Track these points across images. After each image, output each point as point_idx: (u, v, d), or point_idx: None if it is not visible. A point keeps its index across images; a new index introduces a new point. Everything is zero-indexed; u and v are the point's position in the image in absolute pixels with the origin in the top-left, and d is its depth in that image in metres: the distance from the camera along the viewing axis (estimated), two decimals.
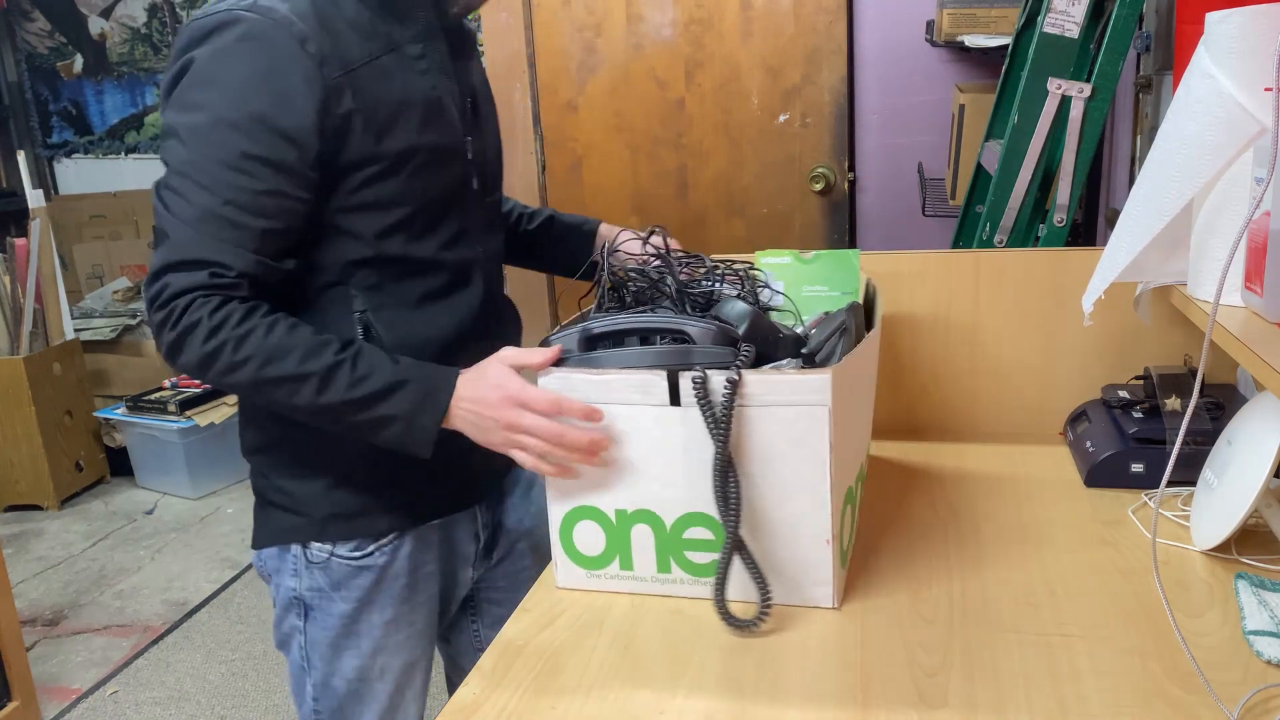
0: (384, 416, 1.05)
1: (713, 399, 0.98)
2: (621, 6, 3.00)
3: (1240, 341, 0.92)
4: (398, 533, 1.21)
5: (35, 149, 5.00)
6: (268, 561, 1.24)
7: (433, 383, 1.06)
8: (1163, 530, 1.17)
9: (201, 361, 1.03)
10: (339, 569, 1.20)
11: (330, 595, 1.21)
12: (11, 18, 4.90)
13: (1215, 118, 0.97)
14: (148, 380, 4.01)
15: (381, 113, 1.09)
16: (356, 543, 1.20)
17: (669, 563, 1.07)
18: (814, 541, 1.02)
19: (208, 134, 1.03)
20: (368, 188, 1.10)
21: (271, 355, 1.03)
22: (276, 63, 1.03)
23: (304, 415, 1.06)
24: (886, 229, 3.01)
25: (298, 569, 1.21)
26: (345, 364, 1.04)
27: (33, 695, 2.35)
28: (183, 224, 1.04)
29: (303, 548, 1.20)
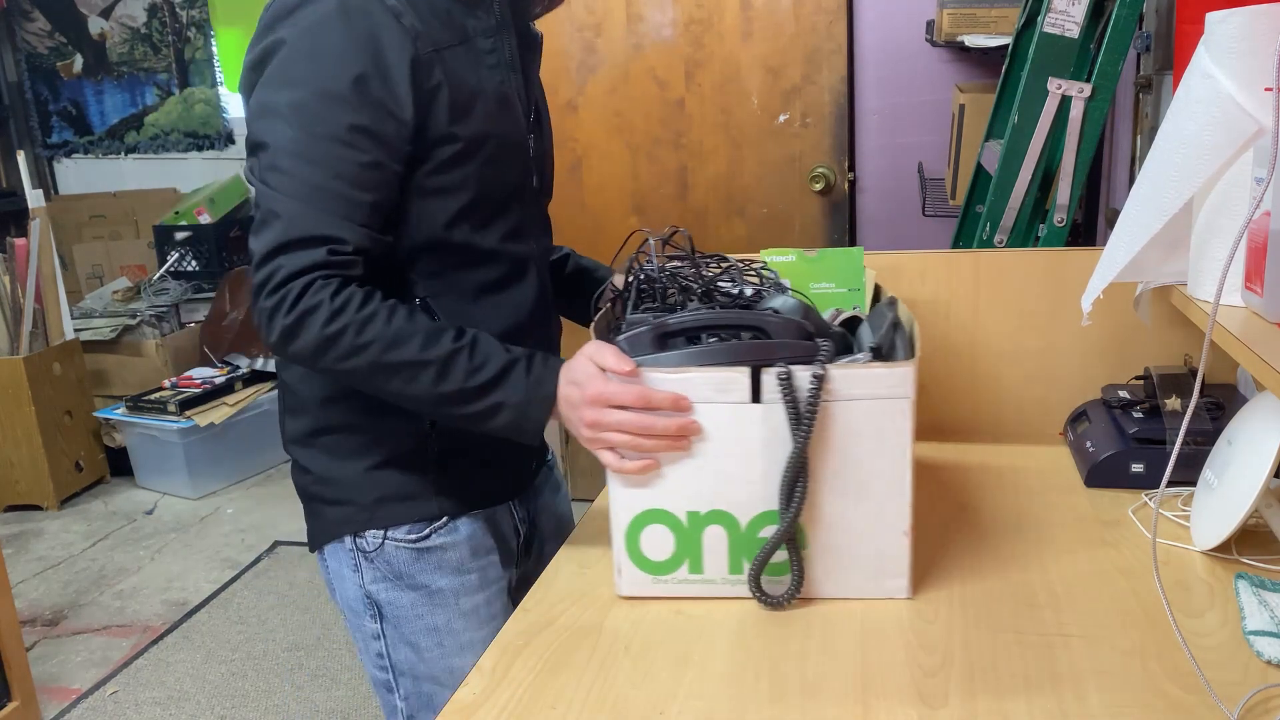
0: (496, 404, 1.05)
1: (797, 394, 0.98)
2: (621, 6, 3.00)
3: (1240, 341, 0.92)
4: (449, 517, 1.19)
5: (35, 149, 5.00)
6: (329, 562, 1.21)
7: (543, 371, 1.06)
8: (1163, 530, 1.17)
9: (320, 345, 1.01)
10: (398, 555, 1.17)
11: (396, 585, 1.18)
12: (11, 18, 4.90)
13: (1214, 118, 0.97)
14: (148, 380, 4.01)
15: (461, 95, 1.08)
16: (411, 526, 1.17)
17: (741, 564, 1.06)
18: (892, 533, 1.03)
19: (313, 108, 1.01)
20: (443, 172, 1.09)
21: (394, 340, 1.01)
22: (374, 32, 1.02)
23: (416, 403, 1.05)
24: (887, 229, 3.01)
25: (358, 563, 1.19)
26: (464, 351, 1.04)
27: (33, 695, 2.35)
28: (294, 201, 1.01)
29: (355, 539, 1.18)
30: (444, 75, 1.06)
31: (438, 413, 1.07)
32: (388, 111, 1.03)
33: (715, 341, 1.07)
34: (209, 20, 4.71)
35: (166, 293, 4.32)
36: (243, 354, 4.07)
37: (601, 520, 1.29)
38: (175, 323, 4.26)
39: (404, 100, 1.03)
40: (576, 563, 1.19)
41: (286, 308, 1.00)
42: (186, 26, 4.73)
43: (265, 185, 1.02)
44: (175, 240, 4.54)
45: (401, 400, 1.05)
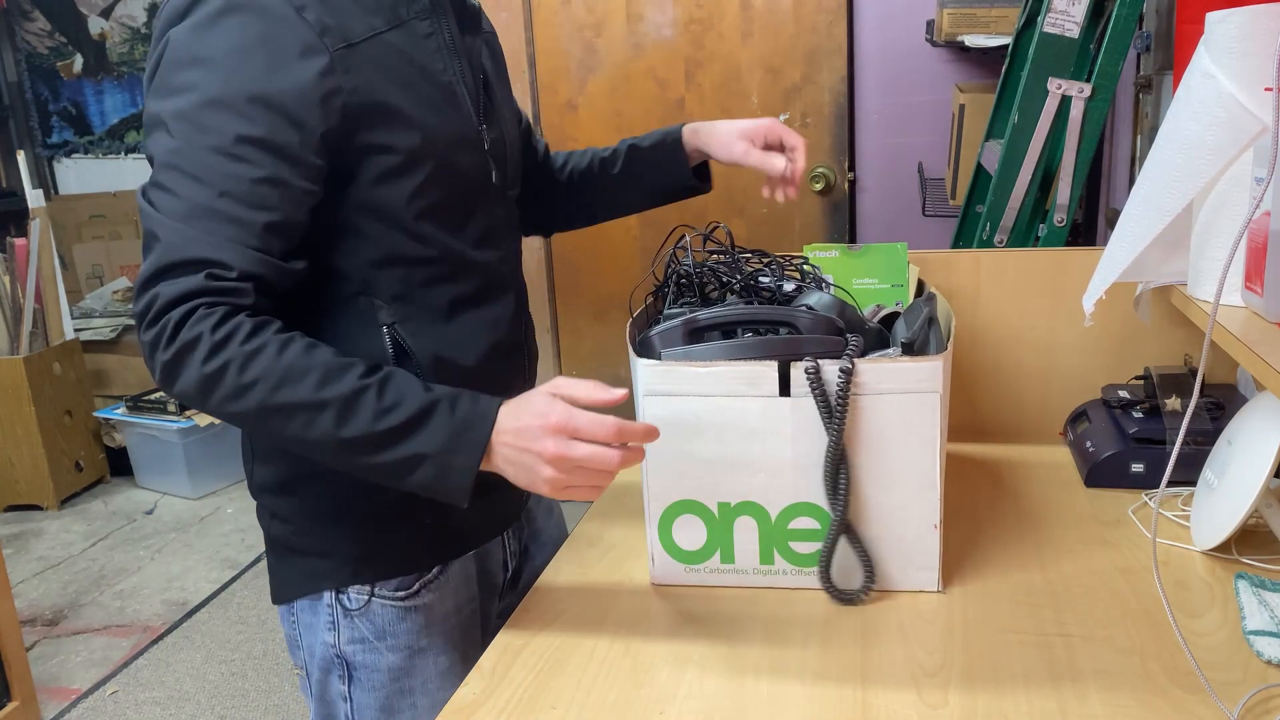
0: (413, 456, 0.89)
1: (826, 389, 0.99)
2: (621, 6, 3.00)
3: (1240, 341, 0.92)
4: (441, 566, 1.09)
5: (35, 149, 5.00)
6: (299, 616, 1.09)
7: (472, 413, 0.91)
8: (1163, 530, 1.17)
9: (202, 385, 0.88)
10: (383, 614, 1.06)
11: (376, 646, 1.07)
12: (11, 18, 4.90)
13: (1215, 117, 0.97)
14: (147, 380, 4.01)
15: (394, 92, 0.96)
16: (399, 581, 1.07)
17: (772, 554, 1.07)
18: (922, 526, 1.04)
19: (196, 118, 0.89)
20: (387, 181, 0.97)
21: (285, 377, 0.87)
22: (270, 30, 0.90)
23: (318, 452, 0.91)
24: (886, 229, 3.01)
25: (335, 620, 1.07)
26: (370, 390, 0.89)
27: (33, 695, 2.35)
28: (172, 222, 0.89)
29: (336, 594, 1.06)
30: (364, 73, 0.94)
31: (345, 463, 0.91)
32: (289, 119, 0.90)
33: (747, 336, 1.08)
34: None
35: None
36: None
37: (601, 520, 1.29)
38: None
39: (310, 105, 0.91)
40: (576, 563, 1.19)
41: (165, 341, 0.88)
42: None
43: (147, 204, 0.91)
44: None
45: (305, 449, 0.91)
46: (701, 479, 1.06)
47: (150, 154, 0.92)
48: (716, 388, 1.02)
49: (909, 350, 1.07)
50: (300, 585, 1.08)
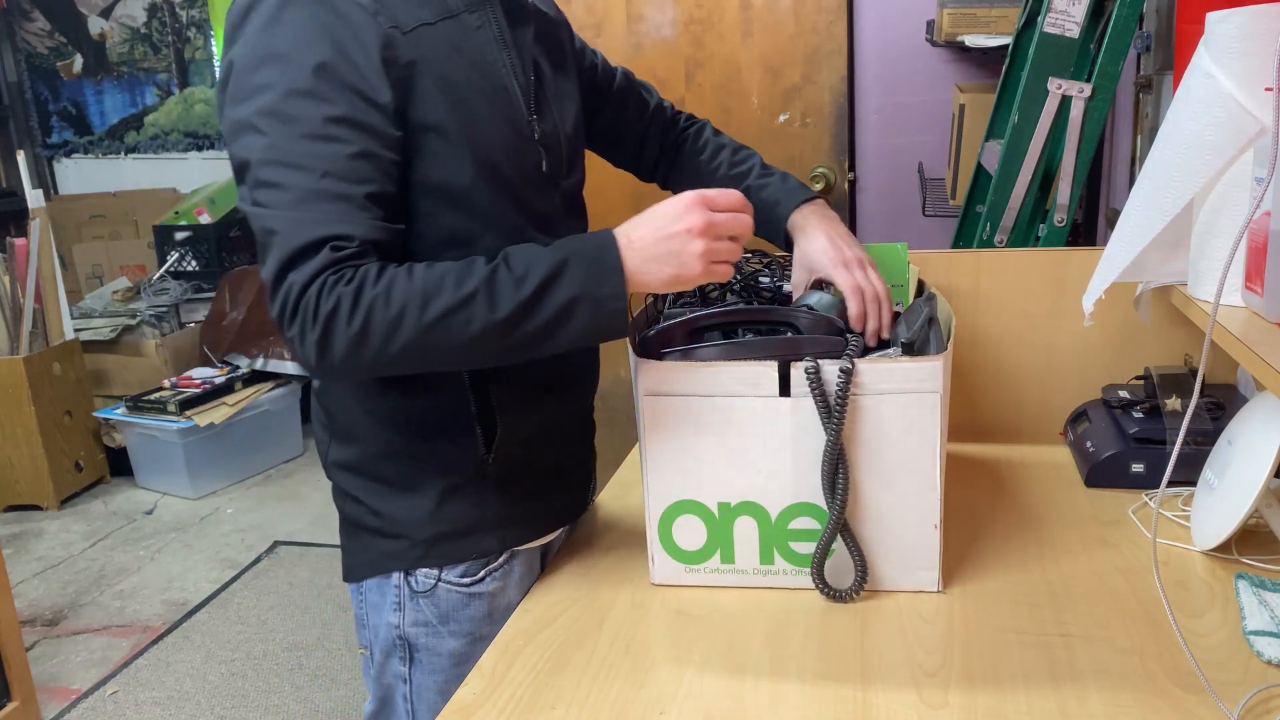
0: (566, 304, 0.92)
1: (826, 389, 1.00)
2: (621, 6, 3.00)
3: (1240, 341, 0.92)
4: (508, 554, 1.12)
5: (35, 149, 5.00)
6: (368, 596, 1.13)
7: (594, 244, 0.94)
8: (1163, 530, 1.17)
9: (356, 341, 0.89)
10: (448, 598, 1.10)
11: (439, 630, 1.10)
12: (11, 18, 4.90)
13: (1215, 117, 0.97)
14: (147, 380, 4.01)
15: (444, 79, 0.99)
16: (466, 566, 1.10)
17: (772, 554, 1.07)
18: (922, 526, 1.04)
19: (281, 110, 0.92)
20: (443, 162, 0.99)
21: (425, 294, 0.90)
22: (327, 19, 0.94)
23: (484, 348, 0.92)
24: (887, 229, 3.00)
25: (401, 602, 1.10)
26: (500, 268, 0.92)
27: (32, 695, 2.35)
28: (285, 213, 0.91)
29: (405, 576, 1.10)
30: (418, 55, 0.97)
31: (512, 347, 0.93)
32: (362, 97, 0.94)
33: (747, 336, 1.07)
34: (209, 20, 4.71)
35: (166, 293, 4.32)
36: (243, 354, 4.07)
37: (601, 521, 1.29)
38: (175, 323, 4.26)
39: (377, 84, 0.95)
40: (576, 562, 1.19)
41: (310, 322, 0.90)
42: (186, 26, 4.73)
43: (256, 205, 0.93)
44: (175, 240, 4.54)
45: (472, 356, 0.94)
46: (701, 479, 1.06)
47: (241, 159, 0.95)
48: (716, 388, 1.02)
49: (909, 350, 1.07)
50: (371, 565, 1.11)
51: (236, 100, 0.95)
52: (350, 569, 1.14)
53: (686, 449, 1.05)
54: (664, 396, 1.04)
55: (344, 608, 2.90)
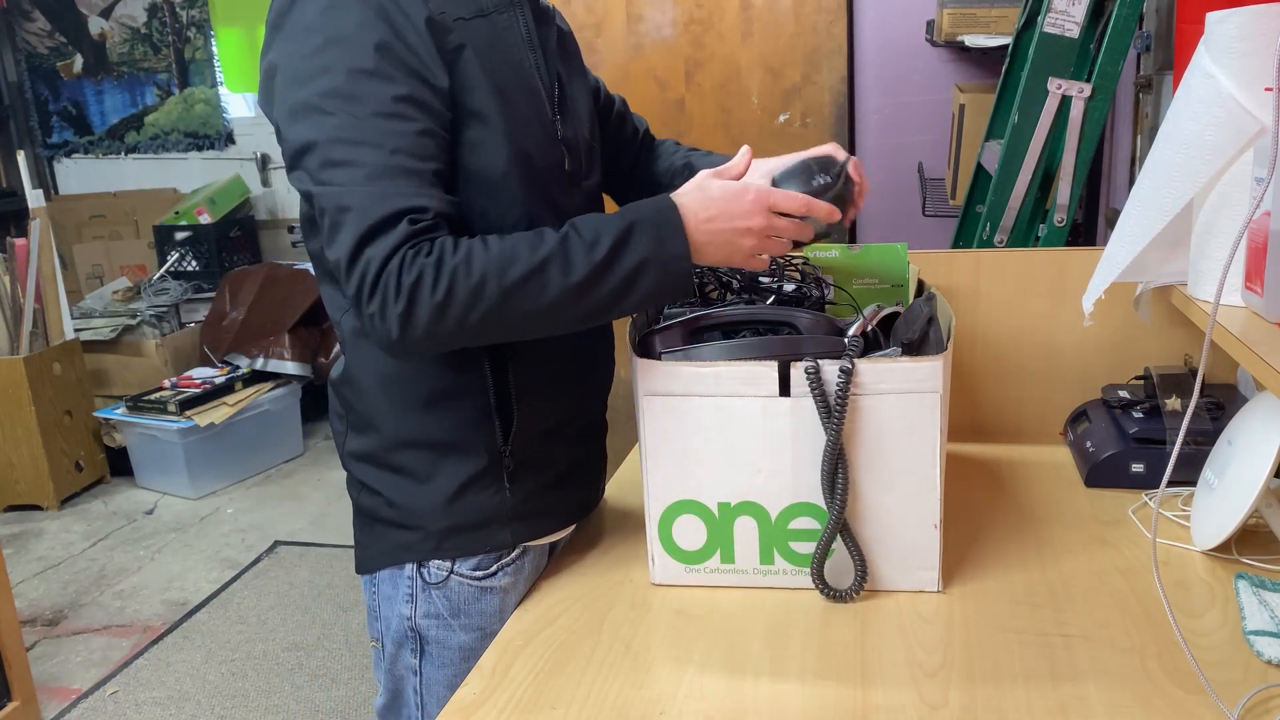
0: (635, 266, 0.95)
1: (826, 388, 1.00)
2: (621, 6, 3.00)
3: (1240, 341, 0.92)
4: (520, 549, 1.13)
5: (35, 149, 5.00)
6: (380, 587, 1.14)
7: (658, 212, 0.99)
8: (1163, 530, 1.17)
9: (440, 311, 0.91)
10: (460, 591, 1.11)
11: (449, 623, 1.11)
12: (11, 17, 4.90)
13: (1215, 117, 0.97)
14: (147, 380, 4.01)
15: (488, 65, 1.02)
16: (479, 560, 1.11)
17: (772, 554, 1.07)
18: (922, 526, 1.04)
19: (349, 90, 0.95)
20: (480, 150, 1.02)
21: (502, 261, 0.93)
22: (382, 3, 0.97)
23: (558, 313, 0.95)
24: (887, 229, 3.00)
25: (413, 593, 1.11)
26: (571, 235, 0.96)
27: (33, 695, 2.35)
28: (359, 188, 0.93)
29: (418, 567, 1.10)
30: (465, 41, 1.01)
31: (588, 311, 0.97)
32: (421, 79, 0.97)
33: (747, 336, 1.07)
34: (209, 20, 4.71)
35: (166, 293, 4.32)
36: (243, 354, 4.07)
37: (601, 521, 1.29)
38: (175, 323, 4.26)
39: (433, 66, 0.98)
40: (577, 562, 1.19)
41: (393, 295, 0.91)
42: (186, 26, 4.73)
43: (324, 185, 0.95)
44: (175, 240, 4.54)
45: (549, 320, 0.96)
46: (701, 479, 1.06)
47: (305, 140, 0.96)
48: (716, 388, 1.02)
49: (910, 350, 1.07)
50: (385, 556, 1.12)
51: (297, 83, 0.97)
52: (364, 560, 1.15)
53: (686, 449, 1.05)
54: (664, 396, 1.04)
55: (344, 608, 2.90)
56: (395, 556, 1.11)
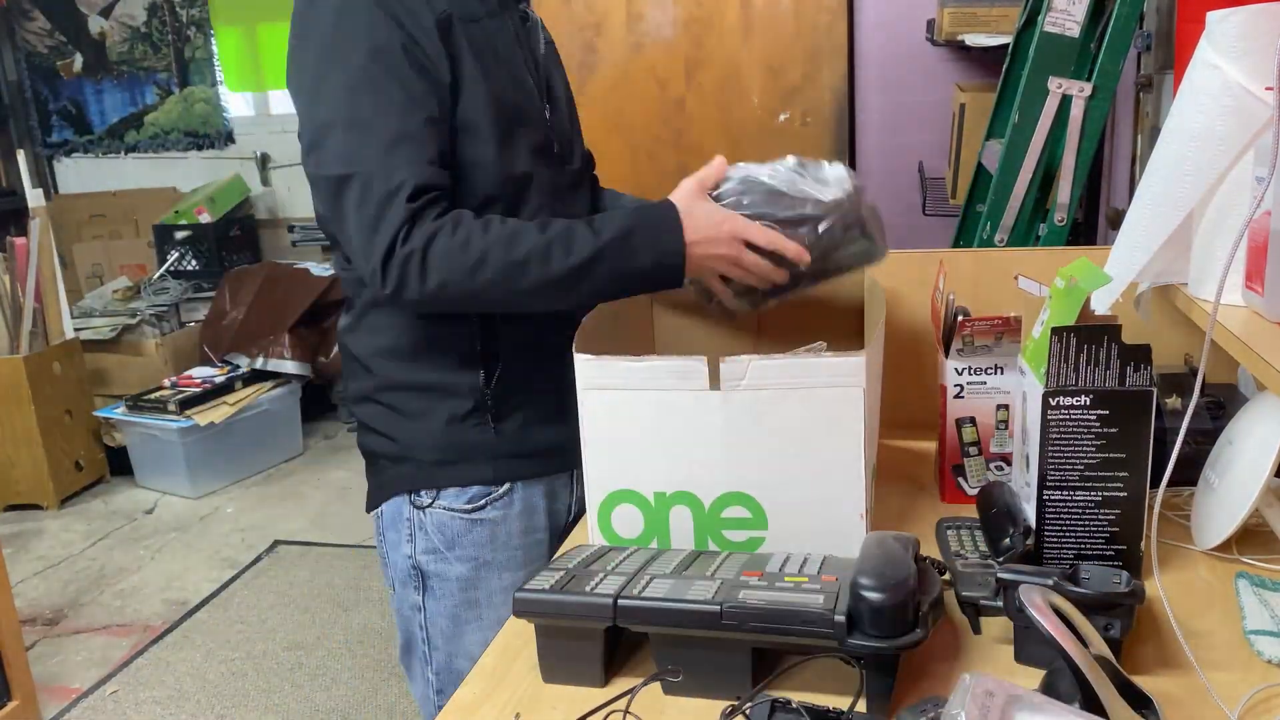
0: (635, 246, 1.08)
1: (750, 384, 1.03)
2: (621, 6, 3.00)
3: (1241, 341, 0.91)
4: (508, 484, 1.21)
5: (35, 148, 5.00)
6: (385, 532, 1.24)
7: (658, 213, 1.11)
8: (1163, 530, 1.17)
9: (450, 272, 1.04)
10: (452, 524, 1.20)
11: (446, 556, 1.20)
12: (11, 17, 4.90)
13: (1224, 107, 0.97)
14: (148, 380, 4.01)
15: (474, 61, 1.12)
16: (471, 494, 1.20)
17: (706, 541, 1.08)
18: (850, 516, 1.05)
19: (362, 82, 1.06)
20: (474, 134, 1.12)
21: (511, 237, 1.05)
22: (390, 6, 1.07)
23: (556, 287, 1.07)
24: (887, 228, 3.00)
25: (413, 532, 1.21)
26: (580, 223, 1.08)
27: (33, 695, 2.35)
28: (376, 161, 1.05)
29: (411, 502, 1.20)
30: (466, 38, 1.11)
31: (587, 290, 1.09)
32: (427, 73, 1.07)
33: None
34: (209, 19, 4.71)
35: (166, 292, 4.32)
36: (243, 353, 4.07)
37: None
38: (175, 322, 4.26)
39: (438, 62, 1.08)
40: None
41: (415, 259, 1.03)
42: (186, 26, 4.73)
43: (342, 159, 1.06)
44: (175, 239, 4.54)
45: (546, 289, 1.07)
46: (638, 468, 1.08)
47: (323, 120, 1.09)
48: (650, 381, 1.05)
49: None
50: (383, 489, 1.23)
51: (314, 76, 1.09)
52: (371, 497, 1.25)
53: (623, 440, 1.08)
54: (600, 390, 1.07)
55: (344, 607, 2.90)
56: (392, 488, 1.22)
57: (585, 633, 0.92)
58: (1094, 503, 0.99)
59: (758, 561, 0.97)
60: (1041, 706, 0.67)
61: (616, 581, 0.93)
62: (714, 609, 0.86)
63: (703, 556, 1.01)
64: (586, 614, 0.90)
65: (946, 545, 1.06)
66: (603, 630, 0.91)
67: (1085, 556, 1.00)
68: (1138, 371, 0.96)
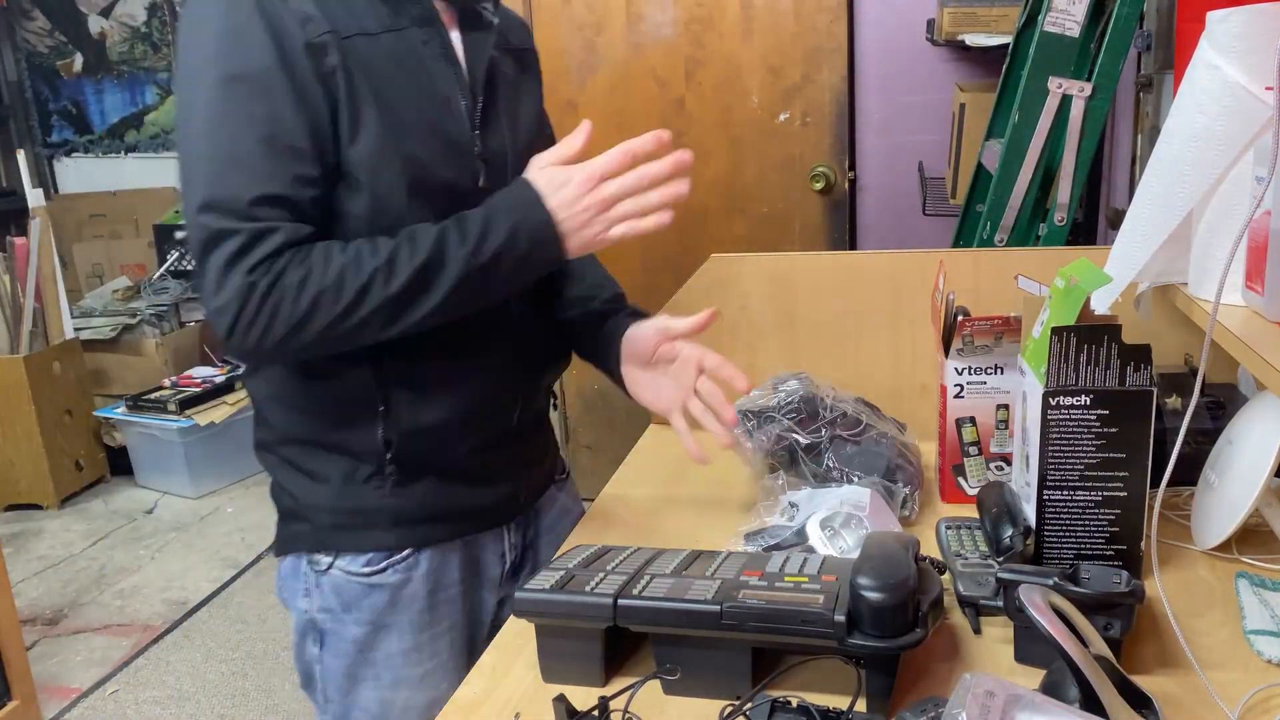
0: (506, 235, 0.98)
1: None
2: (621, 6, 3.00)
3: (1241, 341, 0.91)
4: (412, 549, 1.11)
5: (35, 148, 5.00)
6: (286, 580, 1.17)
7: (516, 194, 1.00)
8: (1163, 530, 1.17)
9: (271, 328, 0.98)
10: (348, 587, 1.10)
11: (341, 617, 1.12)
12: (11, 17, 4.90)
13: (1225, 106, 0.97)
14: (148, 379, 4.01)
15: (375, 82, 0.98)
16: (369, 557, 1.10)
17: None
18: None
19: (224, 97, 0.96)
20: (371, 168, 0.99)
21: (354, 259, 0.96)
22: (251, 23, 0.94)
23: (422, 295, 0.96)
24: (887, 228, 3.00)
25: (309, 587, 1.13)
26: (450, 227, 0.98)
27: (33, 695, 2.35)
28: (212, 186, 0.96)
29: (309, 562, 1.12)
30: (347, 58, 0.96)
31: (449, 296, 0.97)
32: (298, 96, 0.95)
33: None
34: None
35: (166, 292, 4.32)
36: None
37: (602, 518, 1.29)
38: (175, 322, 4.26)
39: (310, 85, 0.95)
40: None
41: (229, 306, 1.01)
42: None
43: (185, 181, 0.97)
44: (175, 239, 4.54)
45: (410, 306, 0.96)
46: None
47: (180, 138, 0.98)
48: None
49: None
50: (283, 544, 1.17)
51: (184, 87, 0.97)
52: (276, 544, 1.20)
53: None
54: None
55: None
56: (290, 545, 1.16)
57: (585, 633, 0.92)
58: (1094, 503, 0.99)
59: (758, 561, 0.97)
60: (1042, 707, 0.67)
61: (616, 581, 0.92)
62: (714, 609, 0.86)
63: (703, 556, 1.00)
64: (586, 614, 0.90)
65: (946, 545, 1.06)
66: (603, 630, 0.91)
67: (1085, 556, 1.00)
68: (1138, 371, 0.96)
